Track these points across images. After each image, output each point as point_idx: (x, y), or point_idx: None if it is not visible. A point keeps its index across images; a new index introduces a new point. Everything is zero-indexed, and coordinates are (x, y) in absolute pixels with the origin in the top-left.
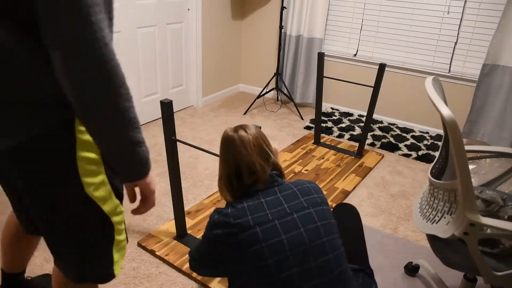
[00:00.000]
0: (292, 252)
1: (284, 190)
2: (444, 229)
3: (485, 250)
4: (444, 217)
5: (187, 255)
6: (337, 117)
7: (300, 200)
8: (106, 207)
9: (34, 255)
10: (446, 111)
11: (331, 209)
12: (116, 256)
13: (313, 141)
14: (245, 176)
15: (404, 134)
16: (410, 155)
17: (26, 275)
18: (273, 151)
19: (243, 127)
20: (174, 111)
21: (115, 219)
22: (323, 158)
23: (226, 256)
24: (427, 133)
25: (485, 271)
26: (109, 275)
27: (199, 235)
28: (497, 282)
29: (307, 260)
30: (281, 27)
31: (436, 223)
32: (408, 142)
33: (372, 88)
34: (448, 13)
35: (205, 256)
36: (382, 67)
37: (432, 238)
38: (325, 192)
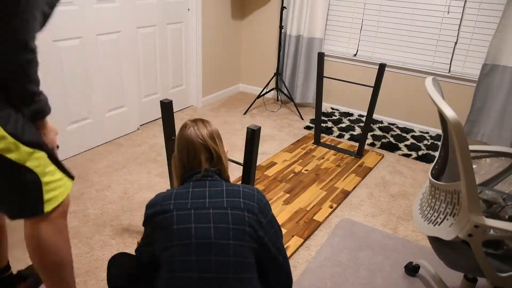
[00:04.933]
0: (196, 241)
1: (214, 186)
2: (447, 231)
3: (489, 252)
4: (447, 219)
5: None
6: (337, 117)
7: (222, 200)
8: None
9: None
10: (450, 112)
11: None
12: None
13: (313, 141)
14: (189, 160)
15: (404, 134)
16: (410, 155)
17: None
18: (225, 153)
19: (203, 120)
20: (174, 111)
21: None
22: (323, 158)
23: (150, 236)
24: (427, 133)
25: (490, 272)
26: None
27: None
28: (501, 283)
29: (208, 254)
30: (281, 27)
31: (439, 224)
32: (408, 142)
33: (372, 88)
34: (448, 13)
35: (142, 236)
36: (382, 67)
37: (434, 240)
38: (324, 193)
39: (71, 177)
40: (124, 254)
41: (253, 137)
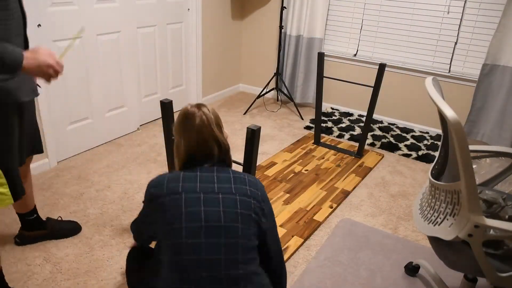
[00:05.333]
0: (206, 224)
1: (222, 172)
2: (447, 231)
3: (489, 252)
4: (447, 219)
5: None
6: (337, 117)
7: (231, 186)
8: None
9: (35, 255)
10: (450, 112)
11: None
12: None
13: (313, 141)
14: (198, 150)
15: (404, 134)
16: (410, 155)
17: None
18: (225, 135)
19: (203, 105)
20: (174, 111)
21: None
22: (323, 158)
23: (151, 215)
24: (427, 133)
25: (490, 272)
26: None
27: None
28: (501, 283)
29: (218, 236)
30: (281, 27)
31: (439, 225)
32: (408, 142)
33: (372, 88)
34: (448, 13)
35: (140, 213)
36: (382, 67)
37: (434, 240)
38: (324, 193)
39: (16, 197)
40: (137, 250)
41: (253, 137)
